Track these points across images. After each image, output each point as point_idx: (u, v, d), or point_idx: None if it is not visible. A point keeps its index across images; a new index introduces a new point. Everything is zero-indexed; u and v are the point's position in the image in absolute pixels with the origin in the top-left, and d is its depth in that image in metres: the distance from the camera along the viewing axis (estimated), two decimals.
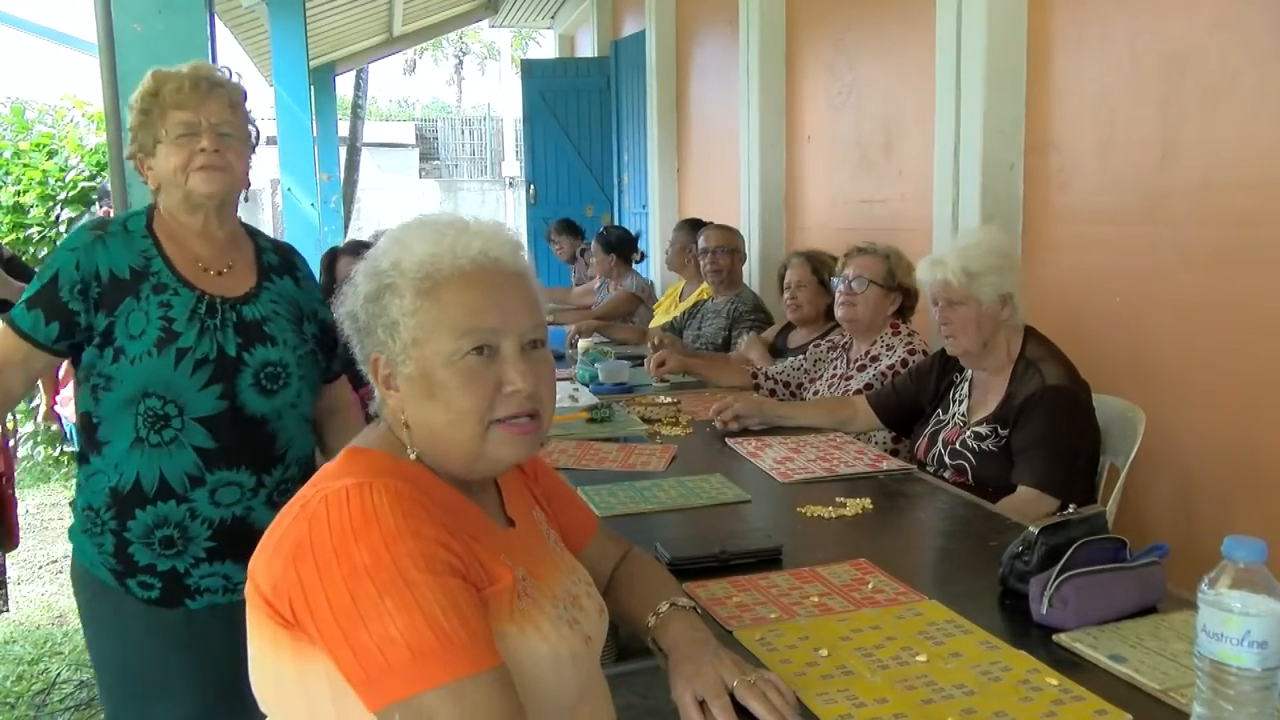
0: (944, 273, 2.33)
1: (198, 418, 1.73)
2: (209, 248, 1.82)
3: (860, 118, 4.34)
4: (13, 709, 3.13)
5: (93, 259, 1.72)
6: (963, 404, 2.42)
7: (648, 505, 2.02)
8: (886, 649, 1.34)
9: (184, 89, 1.74)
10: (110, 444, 1.75)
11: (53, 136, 4.53)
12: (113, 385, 1.72)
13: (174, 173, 1.75)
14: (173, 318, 1.73)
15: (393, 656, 0.93)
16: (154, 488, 1.73)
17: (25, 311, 1.71)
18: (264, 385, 1.79)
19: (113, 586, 1.77)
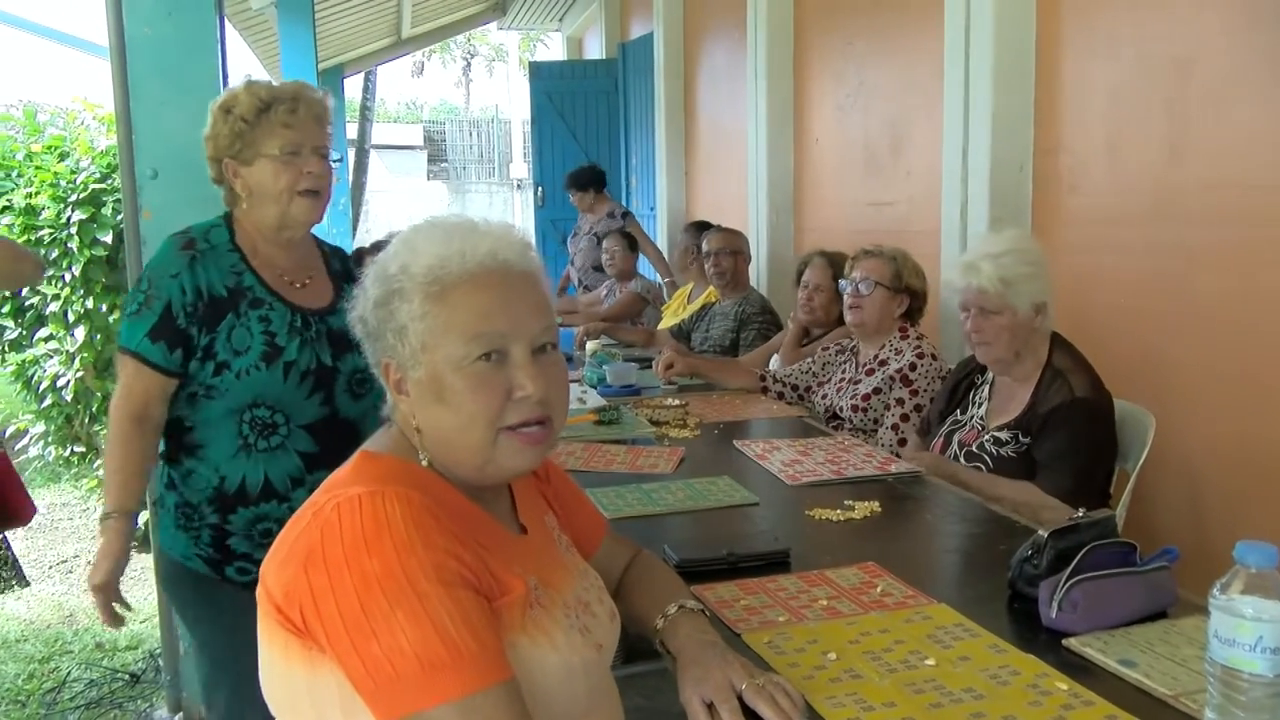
0: (979, 280, 2.28)
1: (302, 424, 1.85)
2: (290, 260, 1.92)
3: (868, 120, 4.34)
4: (24, 707, 3.14)
5: (194, 279, 1.80)
6: (982, 407, 2.40)
7: (656, 507, 2.02)
8: (895, 652, 1.34)
9: (297, 110, 1.84)
10: (208, 447, 1.84)
11: (64, 139, 4.54)
12: (215, 395, 1.81)
13: (280, 191, 1.84)
14: (274, 332, 1.83)
15: (403, 668, 0.93)
16: (258, 489, 1.83)
17: (152, 345, 1.78)
18: (355, 390, 1.90)
19: (208, 575, 1.86)
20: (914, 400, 2.76)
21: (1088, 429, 2.20)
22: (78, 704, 3.12)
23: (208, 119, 1.91)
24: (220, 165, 1.89)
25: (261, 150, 1.84)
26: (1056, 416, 2.20)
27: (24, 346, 4.59)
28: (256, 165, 1.85)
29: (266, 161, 1.84)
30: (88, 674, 3.31)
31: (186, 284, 1.79)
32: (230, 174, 1.88)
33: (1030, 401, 2.27)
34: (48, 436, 4.71)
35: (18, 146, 4.59)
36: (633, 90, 8.15)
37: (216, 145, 1.88)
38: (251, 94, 1.85)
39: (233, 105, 1.86)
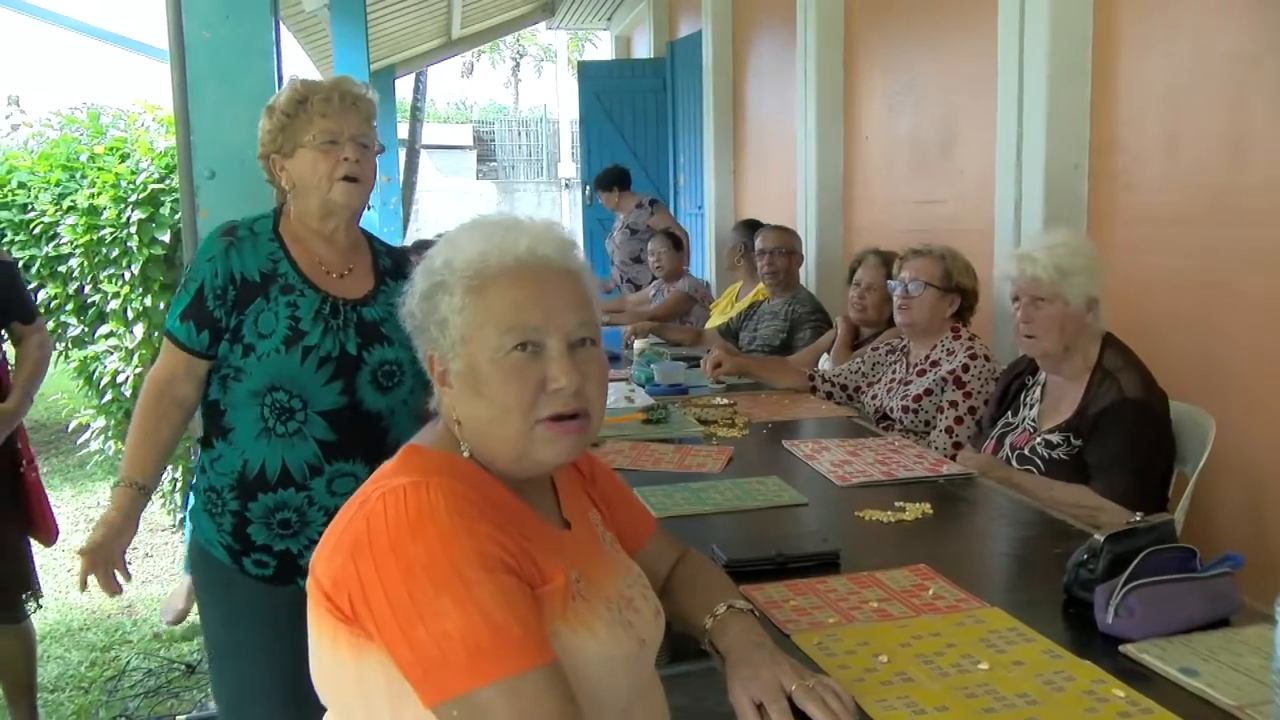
0: (1034, 268, 2.25)
1: (320, 411, 1.86)
2: (332, 251, 1.94)
3: (919, 117, 4.30)
4: (86, 693, 3.22)
5: (228, 264, 1.84)
6: (1034, 409, 2.37)
7: (704, 507, 2.01)
8: (947, 656, 1.33)
9: (332, 100, 1.87)
10: (236, 430, 1.87)
11: (125, 140, 4.64)
12: (241, 377, 1.84)
13: (319, 179, 1.87)
14: (299, 317, 1.85)
15: (449, 652, 0.95)
16: (276, 475, 1.85)
17: (180, 324, 1.84)
18: (380, 383, 1.90)
19: (227, 564, 1.88)
20: (968, 402, 2.72)
21: (1140, 430, 2.15)
22: (137, 692, 3.19)
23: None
24: (268, 163, 1.94)
25: (300, 141, 1.88)
26: (1107, 418, 2.16)
27: (86, 343, 4.70)
28: (297, 156, 1.89)
29: (305, 151, 1.88)
30: (146, 663, 3.39)
31: (219, 268, 1.83)
32: (276, 169, 1.93)
33: (1081, 403, 2.23)
34: (107, 431, 4.82)
35: (82, 148, 4.71)
36: (681, 89, 8.14)
37: (264, 143, 1.93)
38: (291, 89, 1.90)
39: (275, 102, 1.91)
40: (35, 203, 4.71)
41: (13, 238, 4.83)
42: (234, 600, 1.89)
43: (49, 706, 3.08)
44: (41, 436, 6.53)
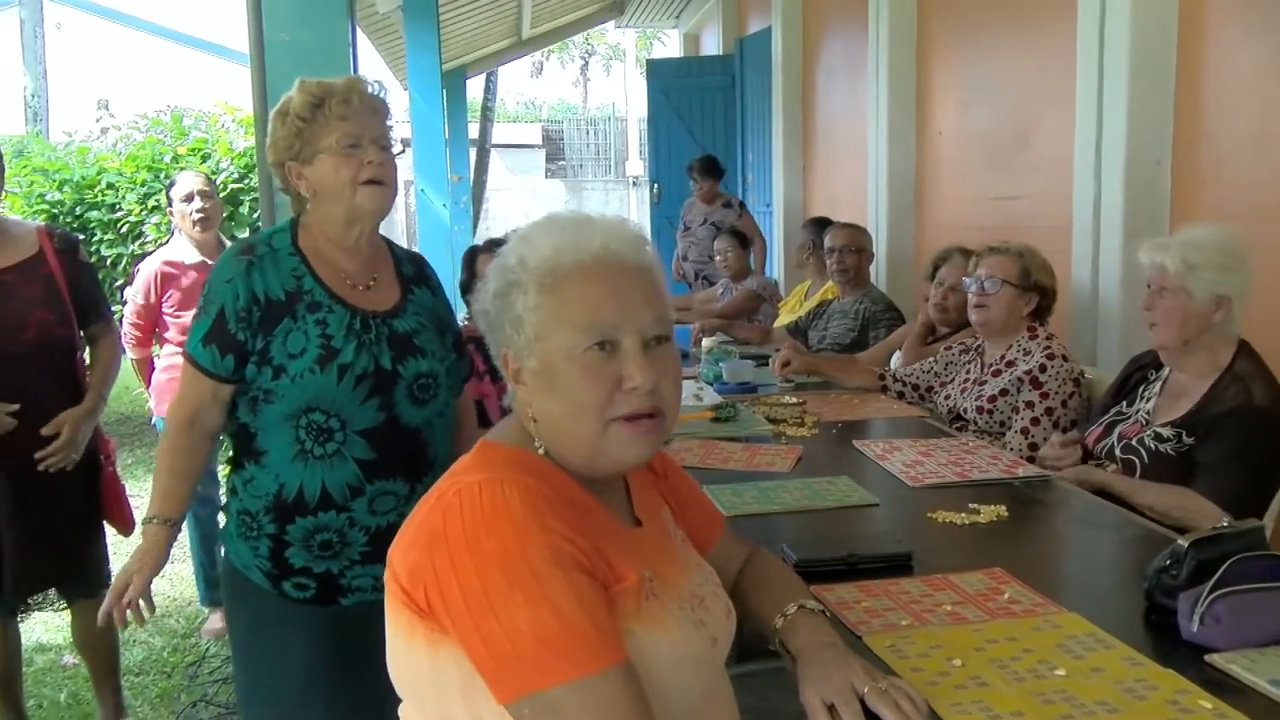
0: (1163, 257, 2.20)
1: (359, 430, 1.77)
2: (354, 262, 1.85)
3: (994, 112, 4.22)
4: (169, 677, 3.32)
5: (249, 285, 1.75)
6: (1150, 401, 2.30)
7: (773, 506, 2.00)
8: (1023, 661, 1.30)
9: (350, 101, 1.77)
10: (269, 453, 1.79)
11: (206, 141, 4.78)
12: (273, 399, 1.76)
13: (342, 184, 1.77)
14: (330, 335, 1.76)
15: (522, 649, 0.95)
16: (316, 498, 1.77)
17: (202, 349, 1.75)
18: (417, 396, 1.83)
19: (266, 589, 1.81)
20: (1044, 403, 2.66)
21: (1261, 439, 2.08)
22: (215, 678, 3.28)
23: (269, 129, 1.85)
24: (284, 171, 1.83)
25: (320, 146, 1.77)
26: (1228, 420, 2.09)
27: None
28: (317, 162, 1.78)
29: (326, 156, 1.77)
30: (224, 650, 3.48)
31: (240, 289, 1.74)
32: (294, 177, 1.82)
33: (1202, 401, 2.16)
34: None
35: (166, 149, 4.86)
36: (750, 86, 8.10)
37: (277, 151, 1.82)
38: (304, 92, 1.79)
39: (288, 107, 1.80)
40: (123, 202, 4.87)
41: (101, 236, 5.01)
42: (270, 624, 1.83)
43: (134, 689, 3.19)
44: (126, 429, 6.74)
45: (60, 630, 3.38)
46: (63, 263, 2.63)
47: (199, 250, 3.61)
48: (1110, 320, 3.22)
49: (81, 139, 5.93)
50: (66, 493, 2.63)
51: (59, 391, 2.61)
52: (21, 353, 2.50)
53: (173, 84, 10.88)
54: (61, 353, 2.62)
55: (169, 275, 3.56)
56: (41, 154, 5.51)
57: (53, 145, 5.89)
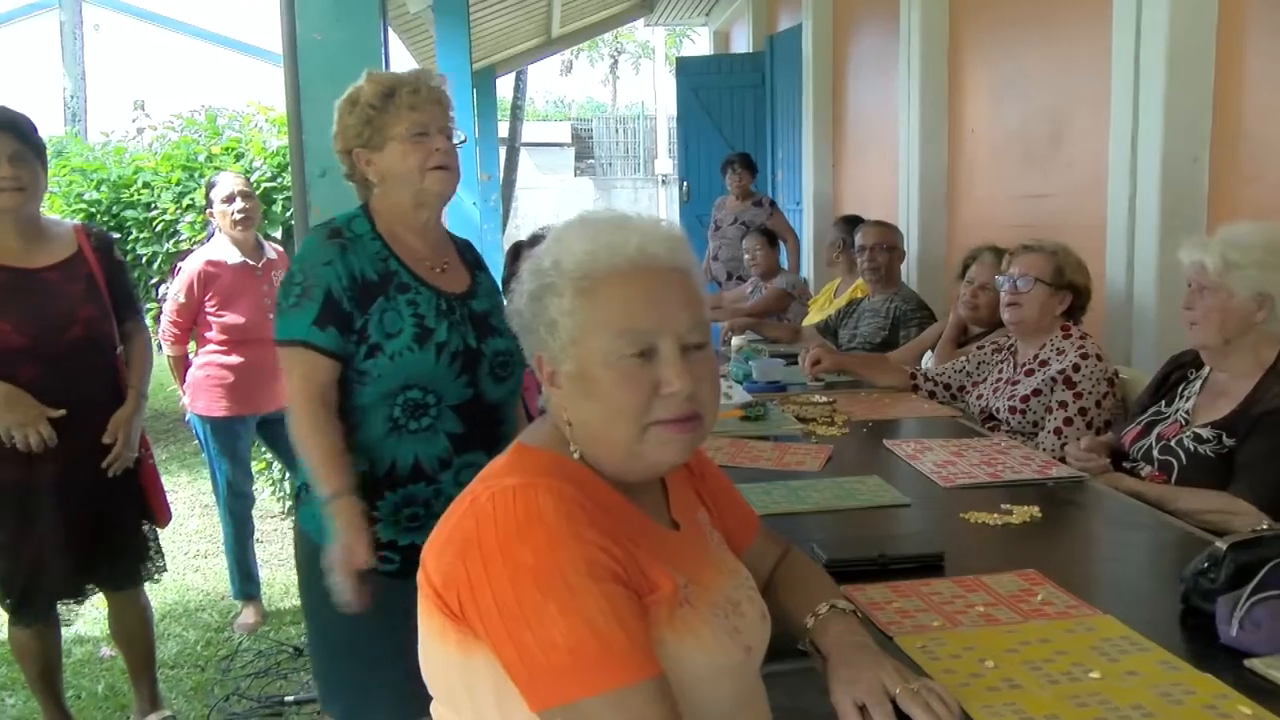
0: (1204, 255, 2.16)
1: (452, 405, 1.87)
2: (427, 245, 1.94)
3: (1027, 109, 4.17)
4: (202, 671, 3.36)
5: (348, 266, 1.82)
6: (1189, 401, 2.26)
7: (803, 505, 2.00)
8: (1057, 663, 1.29)
9: (420, 92, 1.87)
10: (358, 431, 1.85)
11: (240, 141, 4.82)
12: (367, 380, 1.83)
13: (411, 170, 1.86)
14: (423, 314, 1.85)
15: (555, 660, 0.95)
16: (408, 471, 1.86)
17: (322, 332, 1.80)
18: (498, 373, 1.92)
19: None
20: (1078, 403, 2.63)
21: None
22: (248, 672, 3.32)
23: (334, 118, 1.93)
24: (351, 158, 1.92)
25: (390, 134, 1.86)
26: (1271, 420, 2.05)
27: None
28: (387, 149, 1.87)
29: (396, 144, 1.86)
30: (256, 645, 3.52)
31: (341, 270, 1.81)
32: (362, 163, 1.91)
33: (1245, 401, 2.12)
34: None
35: (200, 149, 4.91)
36: (780, 83, 8.07)
37: (345, 138, 1.91)
38: (375, 82, 1.89)
39: (358, 96, 1.89)
40: (158, 201, 4.93)
41: (137, 235, 5.07)
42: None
43: (169, 682, 3.23)
44: (160, 425, 6.83)
45: (98, 623, 3.42)
46: (100, 260, 2.67)
47: (239, 250, 3.65)
48: (1145, 319, 3.18)
49: (118, 139, 6.01)
50: (110, 487, 2.67)
51: (103, 387, 2.66)
52: (70, 350, 2.55)
53: (207, 84, 11.01)
54: (105, 349, 2.67)
55: (211, 275, 3.62)
56: (80, 154, 5.59)
57: (90, 145, 5.97)
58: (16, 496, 2.54)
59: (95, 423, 2.62)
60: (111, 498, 2.67)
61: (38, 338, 2.50)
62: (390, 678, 1.84)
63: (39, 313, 2.51)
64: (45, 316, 2.52)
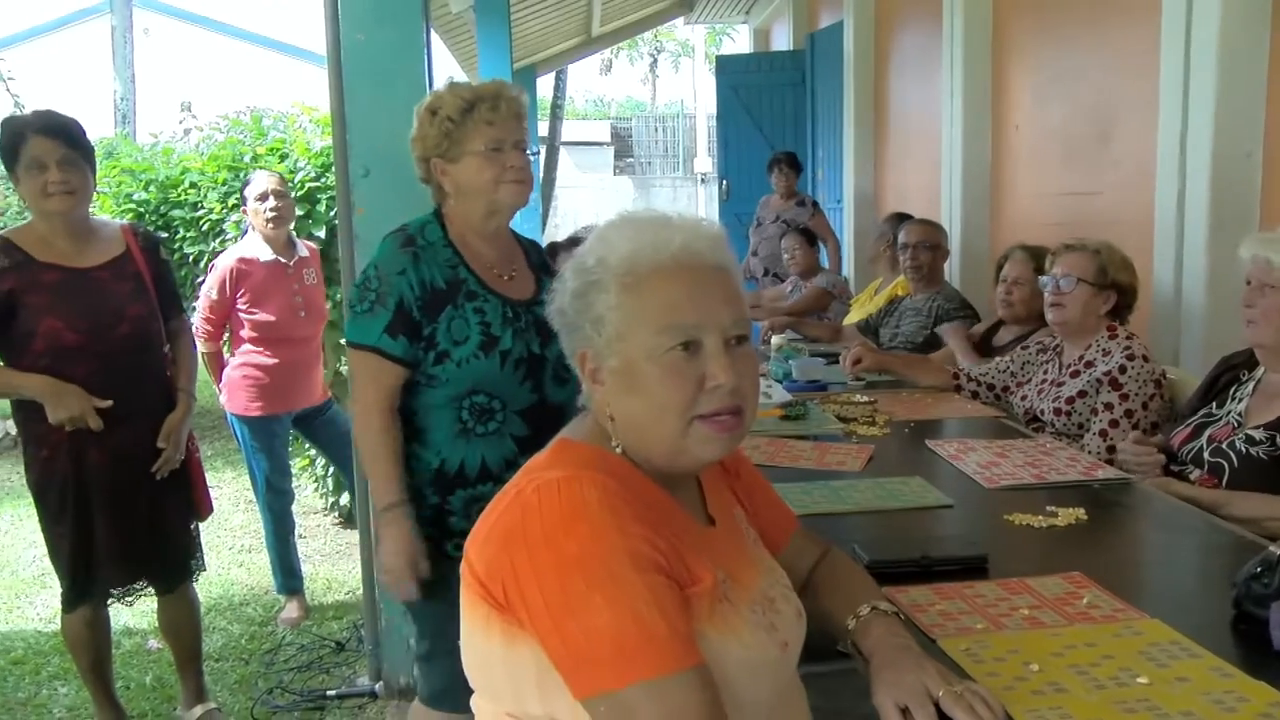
0: (1269, 252, 2.11)
1: (516, 410, 1.95)
2: (496, 253, 2.01)
3: (1073, 105, 4.11)
4: (246, 664, 3.41)
5: (420, 274, 1.91)
6: (1242, 403, 2.21)
7: (844, 506, 1.98)
8: (1103, 668, 1.27)
9: (499, 108, 1.93)
10: (430, 432, 1.95)
11: (284, 141, 4.87)
12: (436, 384, 1.92)
13: (486, 184, 1.93)
14: (489, 322, 1.92)
15: (599, 649, 0.96)
16: (476, 471, 1.94)
17: (392, 340, 1.89)
18: (560, 376, 1.97)
19: (430, 550, 1.94)
20: (1124, 405, 2.59)
21: None
22: (291, 666, 3.36)
23: (414, 122, 2.00)
24: (428, 164, 1.99)
25: (467, 148, 1.93)
26: None
27: None
28: (463, 162, 1.94)
29: (472, 158, 1.93)
30: (299, 639, 3.56)
31: (413, 279, 1.89)
32: (438, 172, 1.97)
33: None
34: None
35: (246, 149, 4.97)
36: (820, 81, 8.02)
37: (424, 145, 1.97)
38: (456, 95, 1.94)
39: (439, 107, 1.95)
40: (204, 201, 5.00)
41: (184, 234, 5.15)
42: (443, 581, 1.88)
43: (214, 674, 3.28)
44: (206, 422, 6.93)
45: (146, 615, 3.49)
46: (147, 260, 2.72)
47: (271, 248, 3.70)
48: (1194, 319, 3.12)
49: (166, 140, 6.11)
50: (160, 485, 2.71)
51: (151, 384, 2.71)
52: (118, 348, 2.60)
53: (252, 85, 11.16)
54: (152, 346, 2.71)
55: (243, 272, 3.66)
56: (129, 155, 5.69)
57: (139, 146, 6.08)
58: (69, 489, 2.60)
59: (143, 418, 2.67)
60: (160, 492, 2.72)
61: (89, 335, 2.55)
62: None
63: (90, 311, 2.56)
64: (96, 314, 2.57)
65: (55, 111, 2.64)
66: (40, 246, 2.57)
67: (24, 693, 3.26)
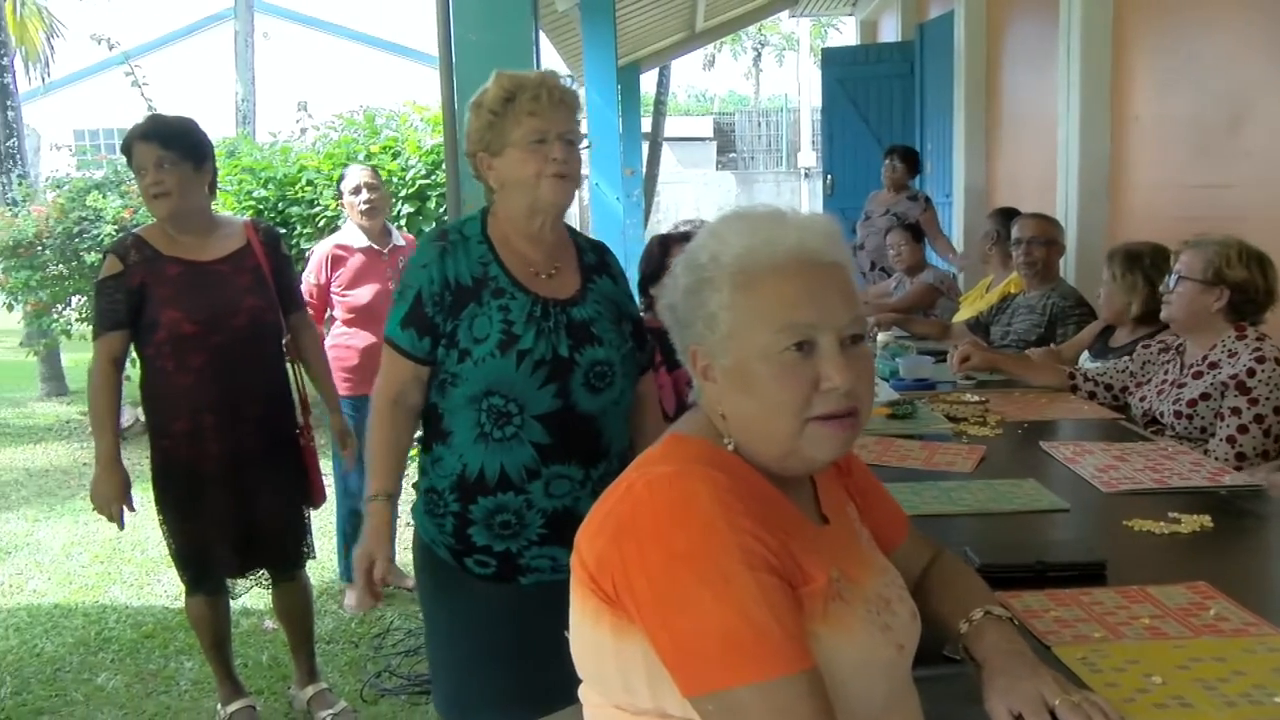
0: None
1: (536, 415, 1.83)
2: (539, 251, 1.91)
3: (1199, 94, 3.93)
4: (356, 647, 3.52)
5: (443, 271, 1.84)
6: None
7: (954, 507, 1.94)
8: (1233, 684, 1.21)
9: (540, 98, 1.82)
10: (454, 434, 1.87)
11: (396, 140, 5.01)
12: (458, 382, 1.84)
13: (527, 177, 1.82)
14: (511, 321, 1.82)
15: (708, 648, 0.95)
16: (495, 479, 1.85)
17: (401, 332, 1.85)
18: (593, 384, 1.87)
19: (450, 564, 1.91)
20: (1253, 410, 2.46)
21: None
22: (399, 650, 3.45)
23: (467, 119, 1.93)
24: (475, 160, 1.90)
25: (509, 140, 1.82)
26: None
27: None
28: (505, 155, 1.84)
29: (514, 150, 1.83)
30: (406, 624, 3.66)
31: (435, 274, 1.83)
32: (484, 167, 1.89)
33: None
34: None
35: (359, 147, 5.13)
36: (930, 72, 7.85)
37: (471, 141, 1.89)
38: (498, 85, 1.85)
39: (482, 99, 1.86)
40: (320, 198, 5.17)
41: (301, 230, 5.33)
42: (455, 596, 1.92)
43: (325, 656, 3.39)
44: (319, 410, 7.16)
45: (262, 596, 3.61)
46: (267, 253, 2.81)
47: (366, 236, 3.83)
48: None
49: (284, 139, 6.33)
50: (277, 476, 2.81)
51: (265, 375, 2.80)
52: (234, 338, 2.70)
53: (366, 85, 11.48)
54: (269, 337, 2.81)
55: (338, 257, 3.80)
56: (249, 154, 5.91)
57: (259, 146, 6.30)
58: (187, 477, 2.71)
59: (257, 408, 2.75)
60: (276, 482, 2.81)
61: (205, 325, 2.65)
62: (496, 677, 1.89)
63: (207, 302, 2.67)
64: (213, 306, 2.68)
65: (161, 116, 2.77)
66: (166, 242, 2.69)
67: (154, 664, 3.43)
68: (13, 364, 9.69)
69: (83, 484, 5.57)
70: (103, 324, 2.67)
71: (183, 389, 2.67)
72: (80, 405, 7.86)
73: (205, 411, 2.68)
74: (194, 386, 2.67)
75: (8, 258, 6.65)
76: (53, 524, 4.97)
